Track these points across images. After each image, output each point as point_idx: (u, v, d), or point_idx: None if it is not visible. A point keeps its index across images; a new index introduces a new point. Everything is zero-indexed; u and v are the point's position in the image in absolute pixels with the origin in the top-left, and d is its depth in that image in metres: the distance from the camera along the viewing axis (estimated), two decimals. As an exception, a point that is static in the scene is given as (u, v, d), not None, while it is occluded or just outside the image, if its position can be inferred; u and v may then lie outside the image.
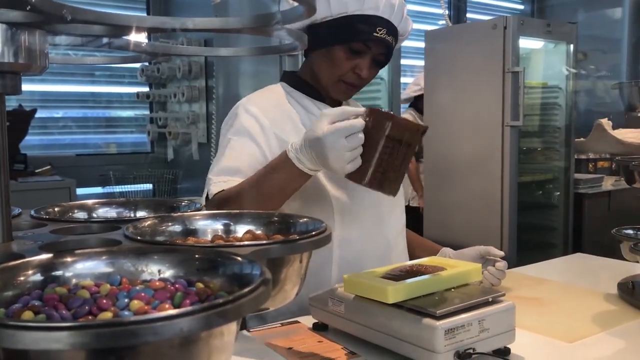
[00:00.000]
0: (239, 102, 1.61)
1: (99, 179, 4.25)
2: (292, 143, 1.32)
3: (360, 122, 1.21)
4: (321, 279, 1.50)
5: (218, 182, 1.45)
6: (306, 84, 1.65)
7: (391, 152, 1.22)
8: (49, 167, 3.95)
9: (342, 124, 1.21)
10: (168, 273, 0.64)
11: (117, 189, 4.26)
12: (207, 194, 1.46)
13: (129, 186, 4.29)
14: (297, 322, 1.39)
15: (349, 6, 1.51)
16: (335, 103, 1.66)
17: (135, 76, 4.48)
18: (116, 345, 0.43)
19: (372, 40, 1.54)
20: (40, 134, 4.30)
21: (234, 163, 1.49)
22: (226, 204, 1.37)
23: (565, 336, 1.32)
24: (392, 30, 1.56)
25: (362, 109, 1.25)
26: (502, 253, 1.58)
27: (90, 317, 0.54)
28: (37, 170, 3.89)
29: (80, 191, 3.89)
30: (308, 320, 1.37)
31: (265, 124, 1.54)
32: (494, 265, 1.54)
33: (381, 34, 1.53)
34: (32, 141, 4.16)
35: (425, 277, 1.20)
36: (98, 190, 4.29)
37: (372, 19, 1.53)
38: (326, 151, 1.21)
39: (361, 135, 1.21)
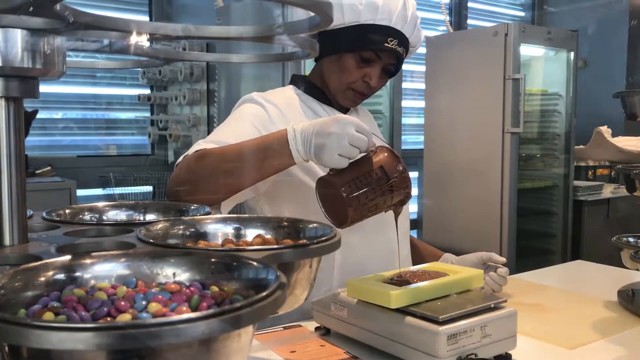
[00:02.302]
0: (250, 95, 1.60)
1: (99, 180, 4.24)
2: (294, 123, 1.30)
3: (367, 144, 1.23)
4: (323, 285, 1.51)
5: (204, 145, 1.42)
6: (316, 88, 1.66)
7: (374, 185, 1.22)
8: (49, 168, 3.94)
9: (358, 134, 1.22)
10: (183, 276, 0.65)
11: (117, 190, 4.25)
12: (187, 153, 1.42)
13: (129, 188, 4.28)
14: (299, 326, 1.40)
15: (362, 15, 1.52)
16: (343, 109, 1.67)
17: (137, 78, 4.47)
18: (139, 346, 0.44)
19: (383, 50, 1.55)
20: (41, 135, 4.29)
21: (227, 140, 1.43)
22: (202, 159, 1.34)
23: (566, 343, 1.33)
24: (403, 41, 1.57)
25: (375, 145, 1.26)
26: (503, 260, 1.59)
27: (108, 319, 0.55)
28: (37, 171, 3.88)
29: (80, 193, 3.88)
30: (311, 325, 1.38)
31: (274, 118, 1.53)
32: (495, 272, 1.55)
33: (392, 45, 1.54)
34: (33, 142, 4.15)
35: (427, 282, 1.21)
36: (98, 191, 4.28)
37: (384, 29, 1.54)
38: (334, 139, 1.21)
39: (357, 152, 1.22)
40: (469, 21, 5.92)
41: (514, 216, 3.59)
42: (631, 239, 1.68)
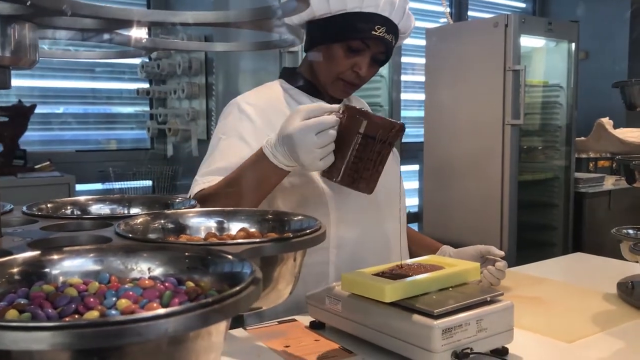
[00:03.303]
0: (234, 100, 1.59)
1: (99, 175, 4.23)
2: (268, 139, 1.31)
3: (331, 118, 1.22)
4: (319, 280, 1.49)
5: (202, 182, 1.44)
6: (305, 80, 1.63)
7: (364, 149, 1.22)
8: (48, 162, 3.94)
9: (312, 120, 1.21)
10: (158, 271, 0.63)
11: (117, 185, 4.24)
12: (190, 195, 1.45)
13: (128, 182, 4.28)
14: (294, 320, 1.39)
15: (348, 3, 1.49)
16: (335, 100, 1.65)
17: (136, 72, 4.46)
18: (99, 345, 0.42)
19: (371, 39, 1.52)
20: (40, 130, 4.28)
21: (221, 164, 1.47)
22: (206, 202, 1.35)
23: (564, 336, 1.31)
24: (392, 28, 1.54)
25: (336, 106, 1.25)
26: (502, 253, 1.57)
27: (76, 316, 0.53)
28: (36, 166, 3.88)
29: (79, 187, 3.88)
30: (305, 319, 1.37)
31: (259, 125, 1.52)
32: (494, 265, 1.53)
33: (380, 33, 1.51)
34: (32, 137, 4.14)
35: (423, 276, 1.19)
36: (97, 186, 4.27)
37: (371, 17, 1.50)
38: (296, 148, 1.21)
39: (332, 132, 1.21)
40: (470, 12, 5.89)
41: (514, 208, 3.57)
42: (631, 231, 1.65)
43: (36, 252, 0.62)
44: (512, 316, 1.17)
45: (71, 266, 0.62)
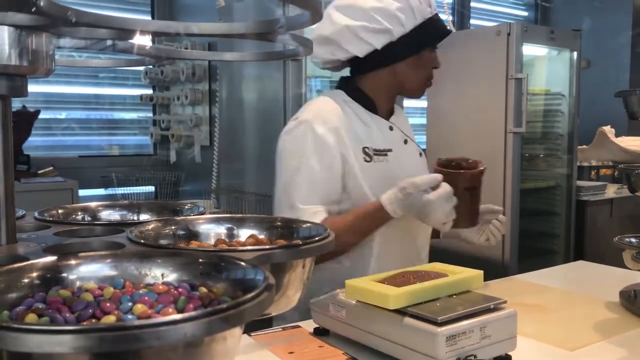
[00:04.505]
0: (305, 119, 1.63)
1: (102, 180, 4.24)
2: (384, 197, 1.52)
3: (449, 188, 1.48)
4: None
5: (310, 212, 1.54)
6: (365, 96, 1.72)
7: (472, 197, 1.53)
8: (51, 168, 3.94)
9: (442, 191, 1.47)
10: (171, 277, 0.64)
11: (120, 190, 4.25)
12: None
13: (131, 188, 4.28)
14: (298, 326, 1.39)
15: (426, 11, 1.66)
16: (387, 115, 1.77)
17: (139, 78, 4.46)
18: (119, 349, 0.43)
19: (448, 33, 1.72)
20: (43, 135, 4.29)
21: (314, 195, 1.57)
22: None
23: (567, 344, 1.31)
24: None
25: (439, 176, 1.50)
26: (501, 209, 1.75)
27: (93, 321, 0.54)
28: (39, 171, 3.89)
29: (82, 192, 3.88)
30: (309, 325, 1.37)
31: (332, 143, 1.60)
32: (498, 220, 1.71)
33: (447, 26, 1.74)
34: (35, 142, 4.14)
35: (426, 283, 1.20)
36: (100, 191, 4.28)
37: (439, 17, 1.72)
38: (433, 213, 1.48)
39: (454, 197, 1.48)
40: (472, 21, 5.90)
41: (516, 216, 3.57)
42: (633, 240, 1.66)
43: (53, 258, 0.64)
44: (515, 324, 1.18)
45: (87, 271, 0.63)
